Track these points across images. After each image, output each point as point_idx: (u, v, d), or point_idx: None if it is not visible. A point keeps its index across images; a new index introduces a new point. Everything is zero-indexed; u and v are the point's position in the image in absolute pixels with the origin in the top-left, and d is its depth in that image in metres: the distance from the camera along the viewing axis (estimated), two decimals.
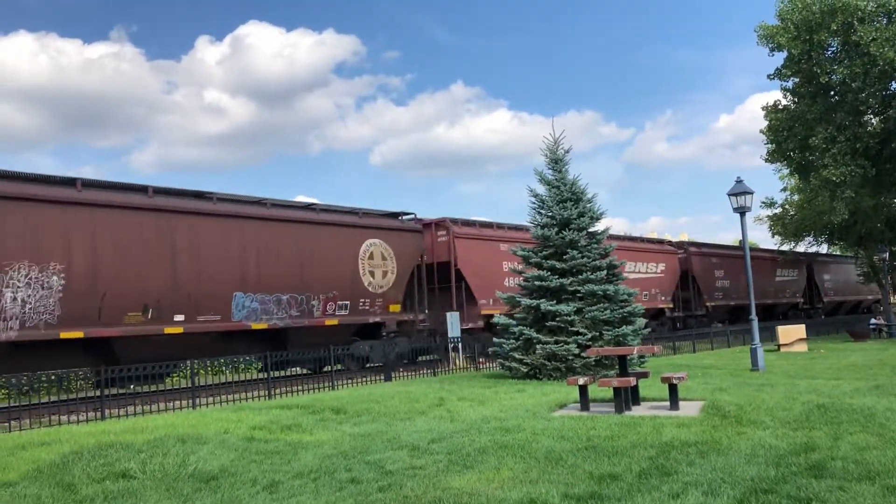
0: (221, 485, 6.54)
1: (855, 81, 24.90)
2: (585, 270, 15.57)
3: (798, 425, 8.19)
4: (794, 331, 23.06)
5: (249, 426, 9.67)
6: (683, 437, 7.69)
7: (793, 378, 13.78)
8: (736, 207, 17.36)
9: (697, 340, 24.67)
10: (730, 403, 9.78)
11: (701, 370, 15.72)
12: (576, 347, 14.59)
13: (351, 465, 7.09)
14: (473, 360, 20.06)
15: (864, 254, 36.57)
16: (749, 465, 6.29)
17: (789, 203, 39.62)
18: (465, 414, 10.20)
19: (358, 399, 12.21)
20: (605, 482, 5.99)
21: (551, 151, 16.93)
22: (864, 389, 11.29)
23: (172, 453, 7.79)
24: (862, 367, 15.84)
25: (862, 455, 6.54)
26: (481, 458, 7.12)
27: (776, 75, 28.42)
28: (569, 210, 16.09)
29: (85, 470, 7.21)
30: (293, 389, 14.90)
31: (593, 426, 8.56)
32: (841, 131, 26.30)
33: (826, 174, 26.04)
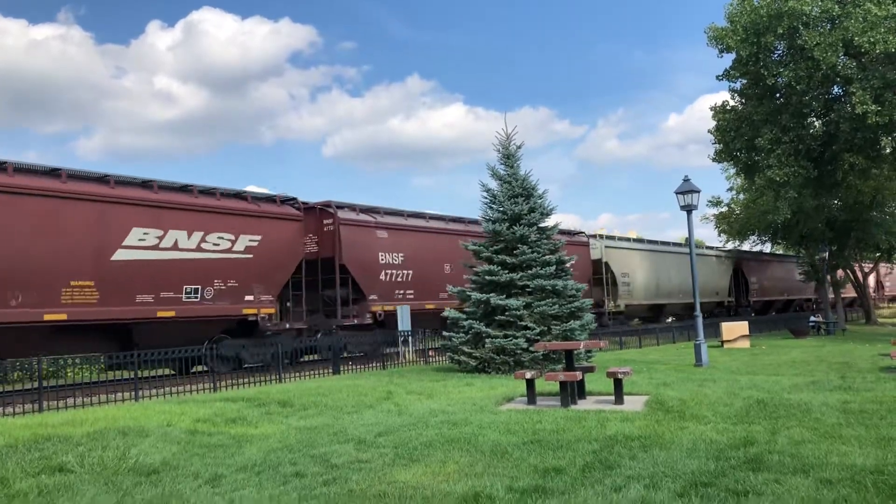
0: (163, 478, 6.42)
1: (799, 84, 25.51)
2: (535, 265, 15.68)
3: (738, 420, 8.38)
4: (738, 328, 23.60)
5: (193, 419, 9.52)
6: (627, 431, 7.80)
7: (735, 374, 14.10)
8: (683, 206, 17.66)
9: (643, 336, 25.08)
10: (673, 398, 9.96)
11: (646, 365, 15.98)
12: (524, 342, 14.70)
13: (296, 459, 7.03)
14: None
15: (806, 253, 37.57)
16: (690, 459, 6.41)
17: (735, 202, 40.52)
18: (413, 407, 10.20)
19: (305, 392, 12.10)
20: (549, 476, 6.04)
21: (504, 147, 16.99)
22: (801, 385, 11.60)
23: (112, 446, 7.62)
24: (801, 363, 16.29)
25: (798, 449, 6.72)
26: (428, 452, 7.12)
27: (725, 76, 28.97)
28: (520, 205, 16.17)
29: (19, 463, 7.00)
30: (239, 382, 14.70)
31: (539, 420, 8.64)
32: (785, 133, 26.94)
33: (770, 174, 26.65)
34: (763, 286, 45.32)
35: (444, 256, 23.60)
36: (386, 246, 22.21)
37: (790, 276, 47.97)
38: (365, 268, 21.38)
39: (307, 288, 20.33)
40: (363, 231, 21.77)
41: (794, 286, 48.47)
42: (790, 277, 47.99)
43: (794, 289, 48.71)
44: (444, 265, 23.66)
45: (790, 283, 48.17)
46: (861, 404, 9.23)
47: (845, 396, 10.05)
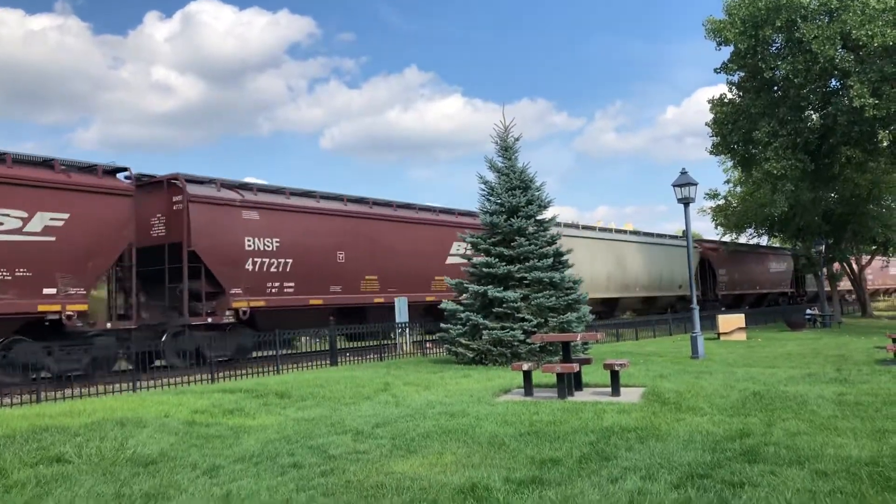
0: (160, 469, 6.43)
1: (797, 77, 25.48)
2: (532, 258, 15.70)
3: (734, 412, 8.42)
4: (734, 320, 23.67)
5: (191, 410, 9.54)
6: (624, 422, 7.83)
7: (731, 366, 14.15)
8: (680, 198, 17.66)
9: (640, 328, 25.14)
10: (669, 390, 10.00)
11: (643, 357, 16.02)
12: (521, 333, 14.73)
13: (294, 450, 7.05)
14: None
15: (802, 246, 37.63)
16: (686, 451, 6.44)
17: (732, 195, 40.54)
18: (411, 399, 10.22)
19: (303, 383, 12.12)
20: (546, 467, 6.06)
21: (501, 139, 16.99)
22: (797, 377, 11.65)
23: (110, 437, 7.64)
24: (797, 355, 16.34)
25: (793, 441, 6.76)
26: (425, 443, 7.14)
27: (722, 69, 28.93)
28: (517, 197, 16.18)
29: (17, 454, 7.01)
30: (237, 373, 14.72)
31: (536, 411, 8.66)
32: (783, 126, 26.93)
33: (768, 167, 26.65)
34: (733, 279, 42.38)
35: (339, 243, 20.66)
36: (256, 229, 18.58)
37: (764, 269, 45.99)
38: (224, 255, 17.86)
39: (156, 280, 17.43)
40: (223, 211, 18.10)
41: (768, 279, 46.37)
42: (764, 270, 45.98)
43: (769, 282, 46.45)
44: (337, 253, 20.57)
45: (764, 275, 46.03)
46: (857, 396, 9.28)
47: (841, 389, 10.09)
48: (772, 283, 47.02)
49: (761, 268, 45.95)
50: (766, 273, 46.48)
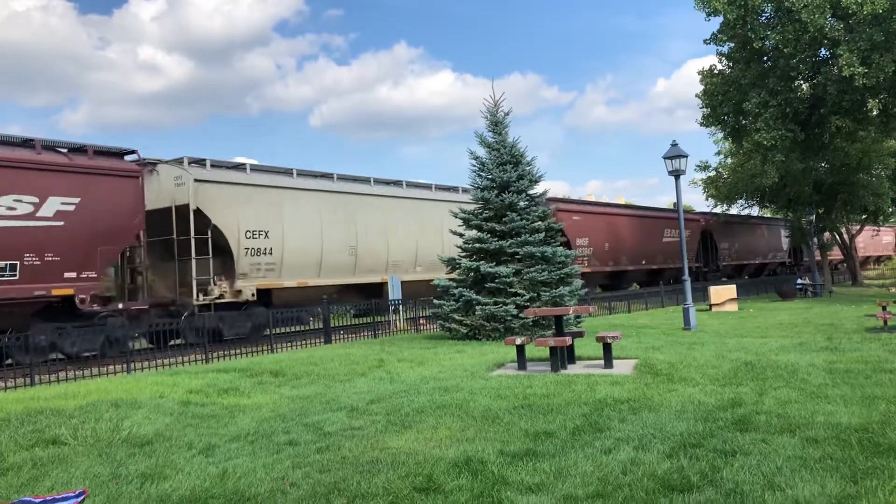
0: (156, 449, 6.46)
1: (787, 47, 25.42)
2: (524, 232, 15.71)
3: (726, 382, 8.48)
4: (725, 291, 23.79)
5: (185, 390, 9.56)
6: (616, 394, 7.89)
7: (723, 337, 14.24)
8: (671, 171, 17.66)
9: (632, 301, 25.25)
10: (662, 362, 10.06)
11: (635, 330, 16.11)
12: (514, 308, 14.78)
13: (289, 428, 7.08)
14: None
15: (793, 216, 37.76)
16: (678, 421, 6.50)
17: (723, 166, 40.57)
18: (405, 375, 10.27)
19: (297, 362, 12.16)
20: (539, 439, 6.11)
21: (491, 114, 16.92)
22: (788, 346, 11.74)
23: (105, 418, 7.65)
24: (788, 325, 16.46)
25: (784, 409, 6.82)
26: (419, 418, 7.19)
27: (712, 40, 28.81)
28: (508, 173, 16.15)
29: (12, 437, 7.03)
30: (231, 353, 14.74)
31: (529, 385, 8.71)
32: (773, 96, 26.90)
33: (758, 138, 26.68)
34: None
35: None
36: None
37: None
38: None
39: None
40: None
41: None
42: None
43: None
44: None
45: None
46: (847, 364, 9.36)
47: (831, 357, 10.17)
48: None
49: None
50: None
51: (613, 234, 33.38)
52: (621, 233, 34.06)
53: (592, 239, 31.59)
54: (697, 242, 39.59)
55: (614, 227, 33.66)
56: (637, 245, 35.11)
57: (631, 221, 35.34)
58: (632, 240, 34.74)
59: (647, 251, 35.87)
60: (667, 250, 37.04)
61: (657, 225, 36.78)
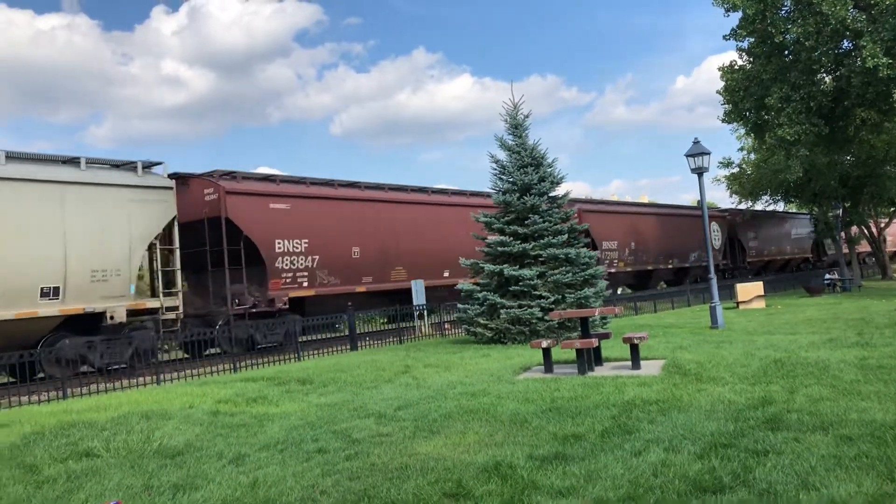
0: (187, 460, 6.50)
1: (808, 40, 25.10)
2: (547, 235, 15.66)
3: (756, 380, 8.39)
4: (752, 288, 23.54)
5: (214, 400, 9.63)
6: (645, 395, 7.83)
7: (751, 334, 14.09)
8: (694, 168, 17.52)
9: (658, 300, 25.06)
10: (690, 361, 9.98)
11: (662, 329, 15.99)
12: (539, 311, 14.73)
13: (318, 436, 7.11)
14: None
15: (819, 210, 37.30)
16: (709, 421, 6.44)
17: (746, 162, 40.17)
18: (431, 380, 10.27)
19: (324, 369, 12.21)
20: (569, 442, 6.08)
21: (511, 117, 16.90)
22: (818, 343, 11.59)
23: (136, 430, 7.72)
24: (817, 321, 16.24)
25: (816, 407, 6.73)
26: (447, 424, 7.18)
27: (732, 36, 28.52)
28: (529, 175, 16.12)
29: (47, 450, 7.12)
30: (258, 362, 14.83)
31: (557, 388, 8.68)
32: (795, 90, 26.58)
33: (781, 133, 26.35)
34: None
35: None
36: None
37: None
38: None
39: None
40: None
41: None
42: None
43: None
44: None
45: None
46: (879, 360, 9.22)
47: (863, 353, 10.03)
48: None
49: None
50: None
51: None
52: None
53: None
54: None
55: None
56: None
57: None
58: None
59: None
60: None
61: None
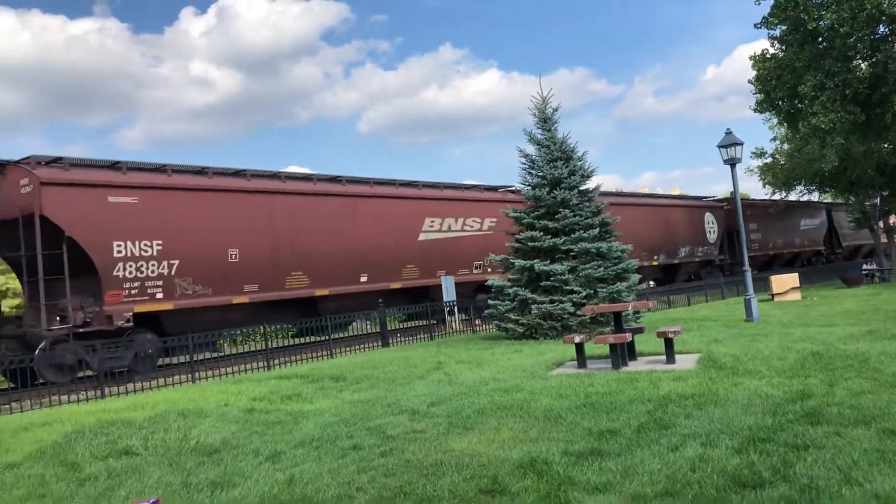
0: (224, 457, 6.57)
1: (843, 27, 24.64)
2: (578, 229, 15.57)
3: (793, 373, 8.26)
4: (788, 280, 23.21)
5: (250, 398, 9.72)
6: (680, 390, 7.75)
7: (787, 327, 13.88)
8: (726, 159, 17.30)
9: (692, 293, 24.80)
10: (725, 355, 9.86)
11: (696, 323, 15.81)
12: (571, 306, 14.65)
13: (352, 432, 7.14)
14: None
15: (856, 200, 36.61)
16: (746, 415, 6.35)
17: (779, 152, 39.52)
18: (464, 376, 10.26)
19: (357, 366, 12.26)
20: (604, 438, 6.04)
21: (540, 111, 16.82)
22: (857, 335, 11.38)
23: (174, 428, 7.82)
24: (855, 312, 15.95)
25: (857, 400, 6.61)
26: (481, 420, 7.17)
27: (763, 24, 28.08)
28: (559, 169, 16.03)
29: (87, 448, 7.24)
30: (292, 359, 14.95)
31: (591, 383, 8.62)
32: (830, 78, 26.11)
33: (815, 122, 25.90)
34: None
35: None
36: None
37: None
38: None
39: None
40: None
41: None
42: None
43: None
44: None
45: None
46: None
47: None
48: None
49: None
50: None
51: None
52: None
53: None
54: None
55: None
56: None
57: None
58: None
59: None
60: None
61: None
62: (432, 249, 21.81)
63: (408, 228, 21.29)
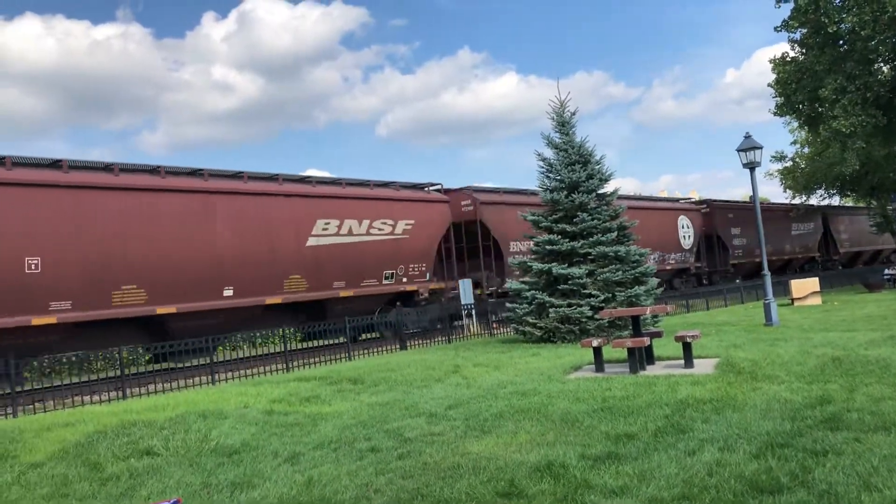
0: (243, 458, 6.64)
1: (864, 30, 24.45)
2: (596, 232, 15.55)
3: (813, 379, 8.21)
4: (808, 284, 23.01)
5: (269, 399, 9.79)
6: (698, 394, 7.73)
7: (807, 332, 13.78)
8: (745, 163, 17.20)
9: (710, 298, 24.67)
10: (744, 359, 9.81)
11: (715, 327, 15.73)
12: (589, 310, 14.63)
13: (370, 435, 7.18)
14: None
15: (877, 203, 36.29)
16: (764, 420, 6.33)
17: (800, 156, 39.25)
18: (481, 379, 10.28)
19: (375, 368, 12.31)
20: (621, 442, 6.05)
21: (558, 114, 16.82)
22: (878, 340, 11.28)
23: (194, 429, 7.90)
24: (877, 317, 15.79)
25: (878, 406, 6.57)
26: (498, 423, 7.20)
27: (783, 27, 27.94)
28: (577, 173, 16.02)
29: (109, 448, 7.33)
30: (310, 362, 15.03)
31: (608, 387, 8.62)
32: (851, 81, 25.91)
33: (836, 125, 25.71)
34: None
35: None
36: None
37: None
38: None
39: None
40: None
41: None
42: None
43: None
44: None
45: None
46: None
47: None
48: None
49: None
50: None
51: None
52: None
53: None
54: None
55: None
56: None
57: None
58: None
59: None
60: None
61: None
62: (327, 256, 19.04)
63: (292, 232, 18.39)
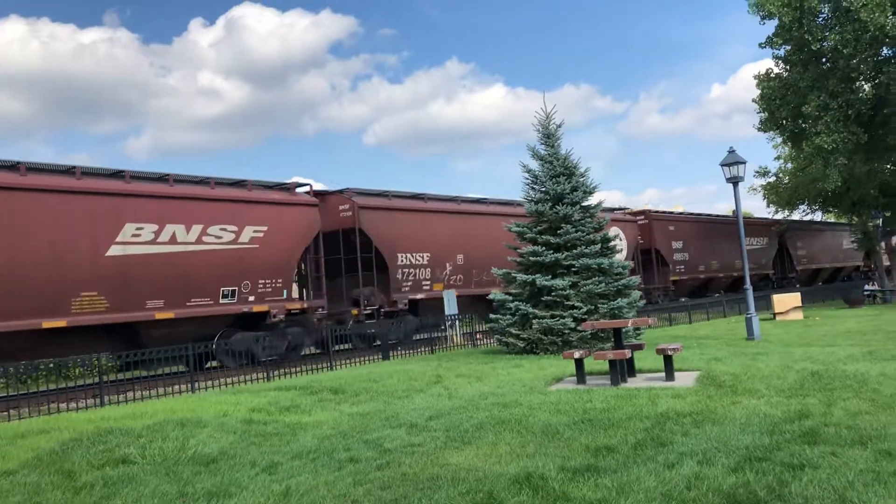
0: (221, 467, 6.58)
1: (846, 48, 24.76)
2: (580, 245, 15.60)
3: (792, 393, 8.26)
4: (790, 299, 23.16)
5: (248, 408, 9.72)
6: (679, 407, 7.75)
7: (788, 346, 13.86)
8: (729, 178, 17.32)
9: (693, 311, 24.78)
10: (725, 373, 9.85)
11: (696, 341, 15.79)
12: (572, 321, 14.65)
13: (350, 445, 7.14)
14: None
15: (858, 220, 36.58)
16: (743, 434, 6.35)
17: (783, 171, 39.57)
18: (463, 390, 10.26)
19: (356, 378, 12.26)
20: (601, 454, 6.04)
21: (543, 126, 16.89)
22: (857, 355, 11.37)
23: (172, 437, 7.82)
24: (856, 333, 15.93)
25: (854, 421, 6.61)
26: (479, 434, 7.17)
27: (768, 44, 28.23)
28: (562, 185, 16.08)
29: (84, 456, 7.24)
30: (291, 371, 14.95)
31: (589, 399, 8.62)
32: (833, 98, 26.20)
33: (818, 142, 25.98)
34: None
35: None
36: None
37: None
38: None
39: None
40: None
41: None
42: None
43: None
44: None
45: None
46: None
47: None
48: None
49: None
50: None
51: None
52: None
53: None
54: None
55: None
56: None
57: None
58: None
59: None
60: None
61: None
62: (137, 269, 15.59)
63: (87, 238, 15.03)
